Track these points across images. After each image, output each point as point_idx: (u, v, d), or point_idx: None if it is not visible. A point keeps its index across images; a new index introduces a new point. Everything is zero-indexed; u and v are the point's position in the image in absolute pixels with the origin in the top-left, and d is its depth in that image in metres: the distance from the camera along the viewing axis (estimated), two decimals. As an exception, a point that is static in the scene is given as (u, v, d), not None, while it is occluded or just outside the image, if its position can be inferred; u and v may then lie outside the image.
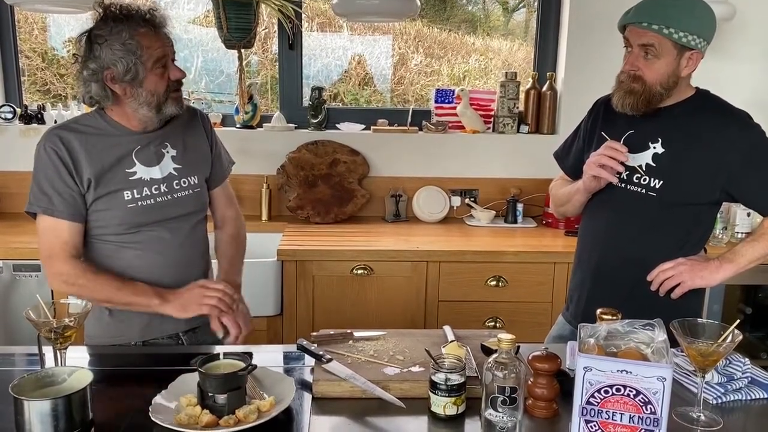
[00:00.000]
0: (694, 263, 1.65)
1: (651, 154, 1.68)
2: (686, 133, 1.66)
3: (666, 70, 1.61)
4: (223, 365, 1.31)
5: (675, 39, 1.58)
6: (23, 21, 3.39)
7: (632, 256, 1.71)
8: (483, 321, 2.66)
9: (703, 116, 1.67)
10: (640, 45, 1.61)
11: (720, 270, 1.64)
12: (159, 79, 1.56)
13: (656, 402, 1.12)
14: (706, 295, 2.68)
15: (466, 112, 3.18)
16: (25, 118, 3.12)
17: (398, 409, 1.32)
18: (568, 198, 1.83)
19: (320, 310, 2.66)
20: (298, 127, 3.26)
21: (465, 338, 1.62)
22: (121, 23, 1.52)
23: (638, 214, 1.70)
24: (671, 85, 1.63)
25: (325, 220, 3.08)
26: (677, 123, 1.67)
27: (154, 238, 1.65)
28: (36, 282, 2.54)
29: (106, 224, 1.62)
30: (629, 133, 1.71)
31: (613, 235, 1.75)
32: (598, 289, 1.78)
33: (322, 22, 3.60)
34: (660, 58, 1.60)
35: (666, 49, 1.59)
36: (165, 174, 1.66)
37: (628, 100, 1.64)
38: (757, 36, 3.15)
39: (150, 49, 1.54)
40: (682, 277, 1.64)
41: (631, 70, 1.63)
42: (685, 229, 1.70)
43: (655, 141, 1.68)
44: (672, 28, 1.57)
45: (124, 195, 1.60)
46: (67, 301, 1.45)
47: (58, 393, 1.21)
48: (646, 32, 1.59)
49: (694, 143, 1.65)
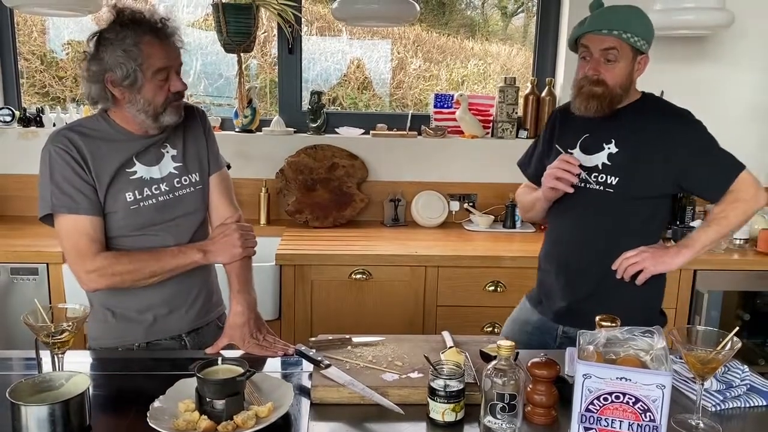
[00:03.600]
0: (655, 250, 1.76)
1: (606, 154, 1.80)
2: (637, 132, 1.78)
3: (624, 73, 1.73)
4: (221, 370, 1.30)
5: (632, 43, 1.69)
6: (22, 23, 3.39)
7: (598, 249, 1.82)
8: (481, 326, 2.65)
9: (650, 116, 1.79)
10: (601, 50, 1.71)
11: (679, 255, 1.75)
12: (158, 89, 1.55)
13: (655, 409, 1.12)
14: (704, 302, 2.69)
15: (465, 117, 3.19)
16: (24, 121, 3.12)
17: (397, 415, 1.32)
18: (531, 206, 1.97)
19: (319, 315, 2.65)
20: (297, 131, 3.26)
21: (464, 344, 1.61)
22: (128, 29, 1.52)
23: (600, 211, 1.81)
24: (628, 86, 1.76)
25: (323, 225, 3.08)
26: (628, 124, 1.79)
27: (158, 242, 1.64)
28: (34, 285, 2.53)
29: (110, 227, 1.61)
30: (585, 137, 1.83)
31: (580, 232, 1.86)
32: (570, 284, 1.87)
33: (321, 26, 3.61)
34: (620, 62, 1.71)
35: (625, 52, 1.71)
36: (165, 173, 1.66)
37: (592, 104, 1.74)
38: (756, 43, 3.16)
39: (152, 59, 1.53)
40: (645, 263, 1.74)
41: (594, 75, 1.72)
42: (643, 221, 1.82)
43: (608, 142, 1.80)
44: (629, 32, 1.69)
45: (126, 197, 1.60)
46: (66, 306, 1.45)
47: (56, 398, 1.21)
48: (607, 38, 1.70)
49: (645, 141, 1.76)
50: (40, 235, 2.73)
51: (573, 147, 1.85)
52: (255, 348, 1.64)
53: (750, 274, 2.72)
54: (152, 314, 1.66)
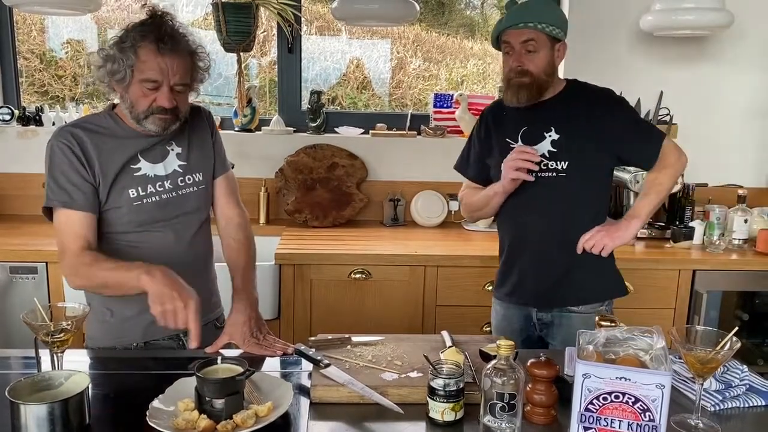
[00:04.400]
0: (609, 227, 1.89)
1: (549, 141, 1.90)
2: (572, 116, 1.89)
3: (546, 60, 1.85)
4: (220, 370, 1.30)
5: (548, 32, 1.82)
6: (21, 22, 3.38)
7: (560, 233, 1.91)
8: (480, 326, 2.65)
9: (580, 101, 1.91)
10: (522, 42, 1.84)
11: (630, 227, 1.87)
12: (142, 95, 1.56)
13: (655, 409, 1.12)
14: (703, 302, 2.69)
15: (465, 116, 3.19)
16: (23, 120, 3.11)
17: (396, 414, 1.32)
18: (486, 202, 2.01)
19: (318, 314, 2.65)
20: (297, 130, 3.26)
21: (463, 344, 1.61)
22: (137, 29, 1.54)
23: (556, 197, 1.90)
24: (551, 72, 1.88)
25: (323, 224, 3.08)
26: (561, 111, 1.90)
27: (159, 239, 1.65)
28: (33, 284, 2.53)
29: (113, 222, 1.62)
30: (524, 130, 1.93)
31: (543, 220, 1.93)
32: (542, 271, 1.95)
33: (321, 26, 3.61)
34: (539, 51, 1.84)
35: (542, 42, 1.84)
36: (169, 171, 1.67)
37: (523, 93, 1.86)
38: (755, 43, 3.16)
39: (143, 64, 1.53)
40: (604, 241, 1.86)
41: (518, 66, 1.85)
42: (595, 199, 1.95)
43: (548, 130, 1.90)
44: (544, 23, 1.82)
45: (129, 193, 1.61)
46: (65, 305, 1.45)
47: (55, 397, 1.21)
48: (524, 30, 1.83)
49: (581, 123, 1.88)
50: (39, 234, 2.73)
51: (515, 140, 1.93)
52: (255, 347, 1.63)
53: (749, 274, 2.72)
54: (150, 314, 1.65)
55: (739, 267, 2.72)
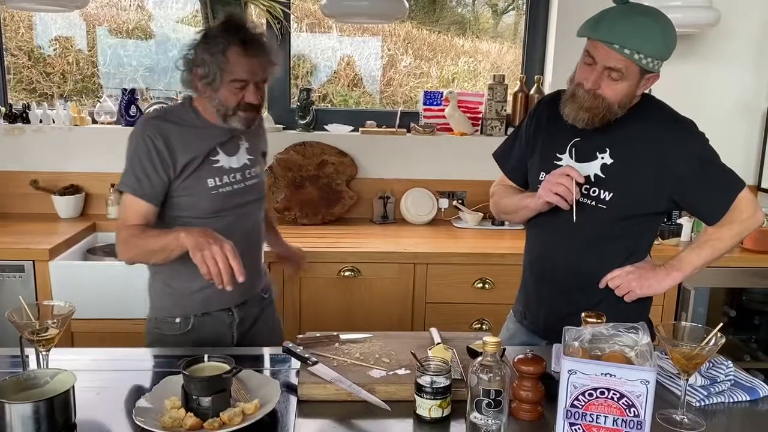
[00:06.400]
0: (642, 272, 1.66)
1: (599, 165, 1.65)
2: (634, 142, 1.63)
3: (627, 92, 1.57)
4: (207, 368, 1.30)
5: (643, 65, 1.53)
6: (9, 19, 3.35)
7: (583, 268, 1.71)
8: (470, 323, 2.66)
9: (649, 125, 1.64)
10: (607, 67, 1.55)
11: (667, 278, 1.66)
12: (232, 95, 1.70)
13: (640, 405, 1.13)
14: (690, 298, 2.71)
15: (454, 114, 3.19)
16: (10, 117, 3.09)
17: (384, 411, 1.32)
18: (514, 209, 1.82)
19: (307, 312, 2.65)
20: (286, 128, 3.25)
21: (451, 340, 1.62)
22: (224, 35, 1.67)
23: (588, 227, 1.66)
24: (627, 104, 1.61)
25: (312, 222, 3.08)
26: (624, 132, 1.64)
27: (226, 224, 1.75)
28: (20, 283, 2.51)
29: (191, 207, 1.75)
30: (575, 141, 1.69)
31: (565, 247, 1.72)
32: (552, 300, 1.77)
33: (311, 23, 3.60)
34: (624, 81, 1.55)
35: (632, 73, 1.55)
36: (240, 164, 1.82)
37: (583, 116, 1.59)
38: (742, 41, 3.18)
39: (233, 67, 1.66)
40: (631, 285, 1.66)
41: (593, 89, 1.57)
42: (633, 239, 1.70)
43: (603, 151, 1.65)
44: (642, 53, 1.51)
45: (208, 182, 1.75)
46: (52, 303, 1.44)
47: (41, 395, 1.20)
48: (616, 55, 1.52)
49: (642, 153, 1.63)
50: (26, 232, 2.71)
51: (562, 152, 1.70)
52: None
53: (736, 270, 2.74)
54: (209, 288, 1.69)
55: (726, 264, 2.73)
